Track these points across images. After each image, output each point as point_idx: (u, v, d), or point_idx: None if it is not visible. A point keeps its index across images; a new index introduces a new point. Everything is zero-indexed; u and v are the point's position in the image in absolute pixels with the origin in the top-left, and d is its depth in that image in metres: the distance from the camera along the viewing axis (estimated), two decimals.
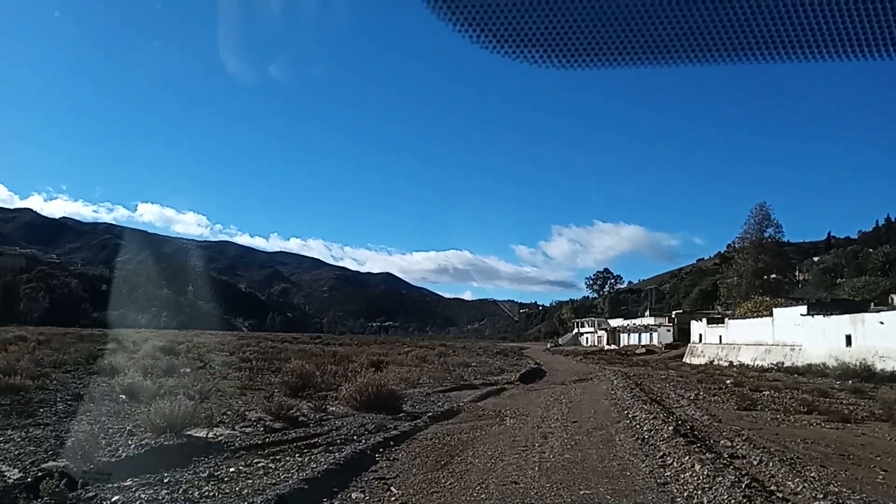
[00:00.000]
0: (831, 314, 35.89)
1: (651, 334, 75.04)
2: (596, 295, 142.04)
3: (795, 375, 32.05)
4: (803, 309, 38.33)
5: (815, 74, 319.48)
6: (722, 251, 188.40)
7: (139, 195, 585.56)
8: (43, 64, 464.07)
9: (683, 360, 50.31)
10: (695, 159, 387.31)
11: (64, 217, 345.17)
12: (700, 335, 50.65)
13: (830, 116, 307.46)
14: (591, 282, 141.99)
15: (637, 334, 79.80)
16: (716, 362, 45.28)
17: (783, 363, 37.92)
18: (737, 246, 59.41)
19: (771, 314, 41.92)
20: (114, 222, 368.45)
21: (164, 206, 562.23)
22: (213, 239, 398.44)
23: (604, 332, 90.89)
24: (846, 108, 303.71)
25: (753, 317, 44.68)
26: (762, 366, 39.20)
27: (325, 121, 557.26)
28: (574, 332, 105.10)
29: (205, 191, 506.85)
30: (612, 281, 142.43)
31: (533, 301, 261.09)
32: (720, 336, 47.42)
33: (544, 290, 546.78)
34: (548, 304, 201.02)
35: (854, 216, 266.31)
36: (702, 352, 49.04)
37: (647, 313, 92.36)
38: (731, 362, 43.16)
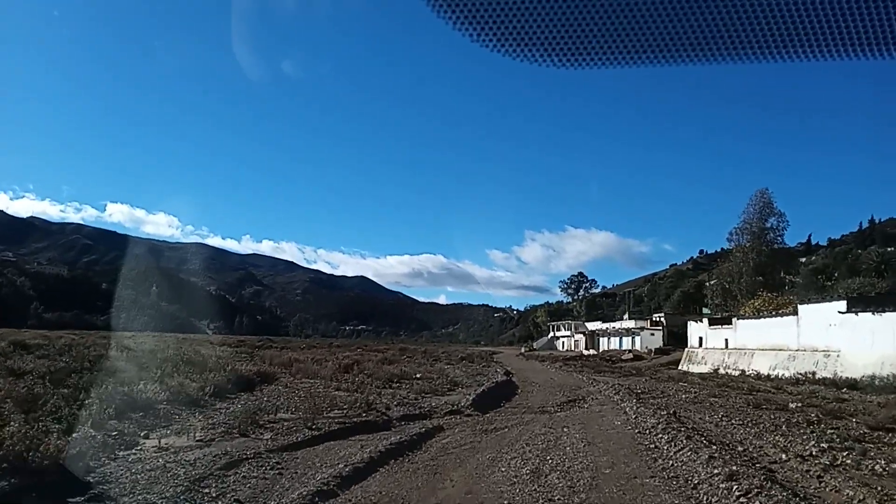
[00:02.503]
0: (883, 311, 27.01)
1: (633, 338, 66.15)
2: (571, 299, 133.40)
3: (846, 391, 23.11)
4: (842, 304, 29.38)
5: (790, 79, 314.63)
6: (694, 256, 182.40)
7: (108, 195, 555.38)
8: (9, 59, 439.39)
9: (680, 367, 41.21)
10: (665, 165, 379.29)
11: (31, 216, 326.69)
12: (700, 338, 41.61)
13: (804, 121, 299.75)
14: (566, 285, 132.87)
15: (618, 338, 70.94)
16: (721, 371, 36.25)
17: (814, 373, 28.92)
18: (734, 237, 50.45)
19: (794, 312, 32.99)
20: (82, 222, 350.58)
21: (133, 206, 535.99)
22: (184, 240, 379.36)
23: (581, 335, 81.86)
24: (821, 113, 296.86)
25: (770, 316, 35.73)
26: (785, 376, 30.20)
27: (298, 122, 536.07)
28: (550, 336, 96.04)
29: (175, 191, 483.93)
30: (587, 285, 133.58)
31: (508, 305, 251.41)
32: (726, 339, 38.41)
33: (518, 295, 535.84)
34: (522, 309, 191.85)
35: (830, 220, 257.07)
36: (703, 358, 39.99)
37: (626, 316, 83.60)
38: (742, 371, 34.13)
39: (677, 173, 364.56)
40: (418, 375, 22.35)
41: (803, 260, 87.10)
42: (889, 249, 76.22)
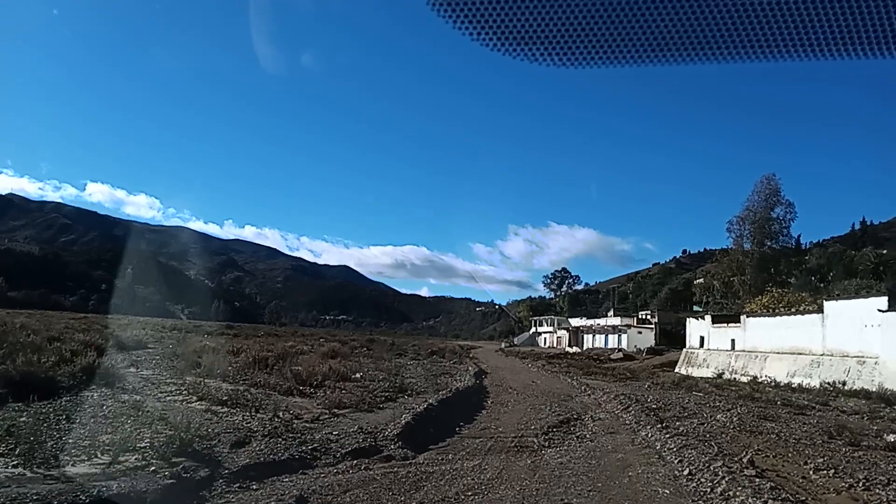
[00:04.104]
0: None
1: (620, 336, 60.86)
2: (553, 295, 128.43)
3: None
4: (882, 301, 24.04)
5: (774, 82, 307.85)
6: (677, 256, 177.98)
7: (88, 174, 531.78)
8: None
9: (678, 370, 35.85)
10: (649, 164, 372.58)
11: (10, 193, 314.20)
12: (701, 338, 36.18)
13: (790, 124, 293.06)
14: (549, 281, 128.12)
15: (603, 336, 65.63)
16: (728, 375, 30.93)
17: (845, 382, 23.63)
18: (734, 227, 44.83)
19: (818, 310, 27.67)
20: (61, 200, 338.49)
21: (114, 186, 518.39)
22: (165, 223, 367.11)
23: (564, 331, 76.54)
24: (807, 116, 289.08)
25: (788, 314, 30.35)
26: (810, 385, 24.93)
27: (283, 111, 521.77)
28: (531, 332, 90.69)
29: (157, 173, 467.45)
30: (570, 280, 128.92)
31: (490, 300, 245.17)
32: (732, 340, 33.04)
33: (501, 290, 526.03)
34: (504, 304, 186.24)
35: (816, 223, 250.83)
36: (705, 360, 34.61)
37: (611, 313, 78.39)
38: (754, 377, 28.76)
39: (661, 173, 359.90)
40: (358, 375, 16.48)
41: (794, 260, 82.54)
42: (884, 252, 71.87)
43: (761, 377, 28.52)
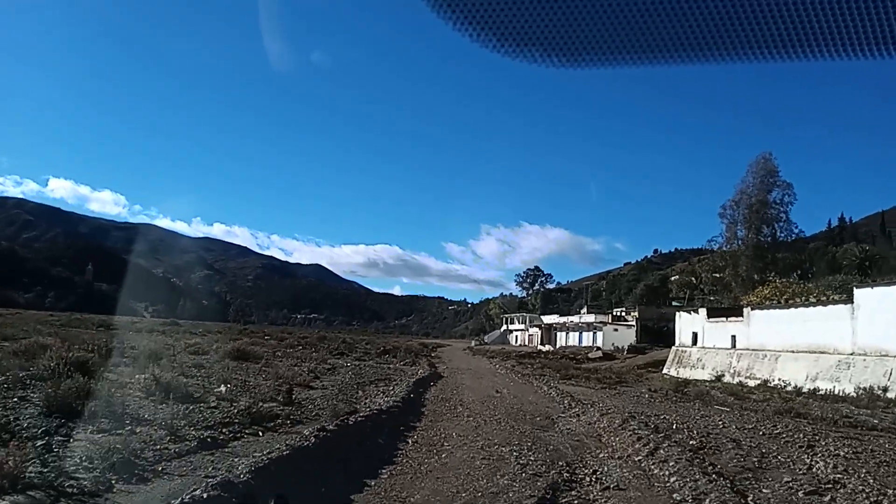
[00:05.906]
0: None
1: (594, 333, 55.62)
2: (526, 293, 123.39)
3: None
4: None
5: (753, 82, 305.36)
6: (648, 256, 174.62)
7: (49, 169, 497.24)
8: None
9: (666, 371, 30.38)
10: (618, 163, 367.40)
11: None
12: (695, 334, 30.66)
13: (761, 121, 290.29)
14: (522, 279, 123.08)
15: (577, 333, 60.31)
16: (727, 378, 25.54)
17: (886, 388, 18.29)
18: (727, 212, 39.32)
19: (847, 300, 22.35)
20: (23, 196, 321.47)
21: (77, 182, 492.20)
22: (131, 220, 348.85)
23: (537, 329, 71.03)
24: (780, 113, 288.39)
25: (805, 305, 24.98)
26: (841, 391, 19.53)
27: (253, 106, 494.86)
28: (503, 330, 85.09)
29: (123, 169, 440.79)
30: (543, 279, 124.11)
31: (462, 298, 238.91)
32: (733, 336, 27.57)
33: (474, 289, 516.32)
34: (477, 303, 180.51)
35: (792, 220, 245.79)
36: (699, 360, 29.14)
37: (584, 311, 73.17)
38: (764, 381, 23.35)
39: (631, 172, 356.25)
40: (222, 389, 10.24)
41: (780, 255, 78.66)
42: (867, 248, 68.35)
43: (773, 380, 23.07)
